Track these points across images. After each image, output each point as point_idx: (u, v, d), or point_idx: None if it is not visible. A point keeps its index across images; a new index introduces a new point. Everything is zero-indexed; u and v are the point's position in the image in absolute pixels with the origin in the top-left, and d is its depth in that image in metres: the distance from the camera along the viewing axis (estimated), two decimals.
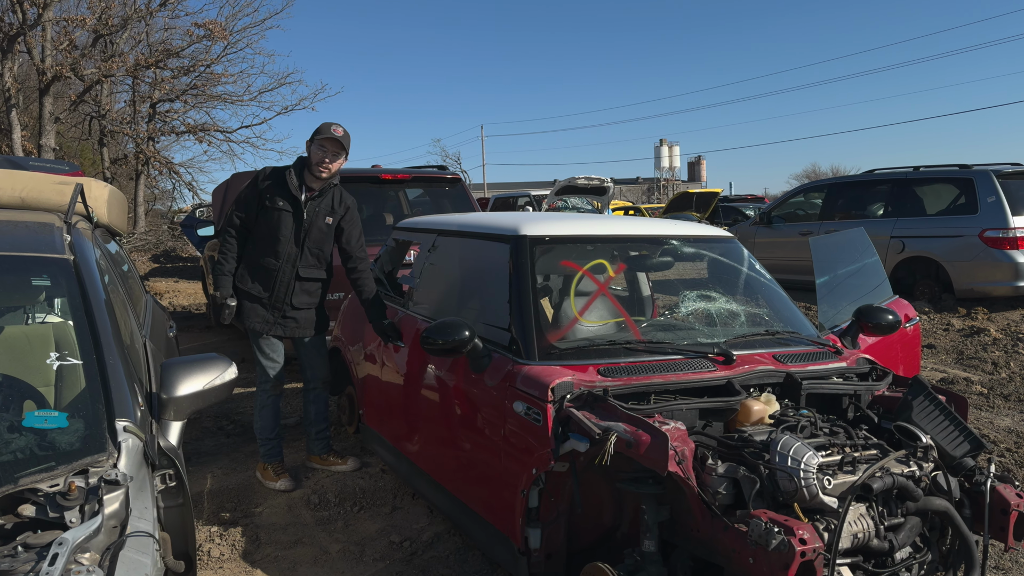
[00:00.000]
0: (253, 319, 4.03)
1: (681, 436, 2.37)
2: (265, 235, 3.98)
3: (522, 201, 17.23)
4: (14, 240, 2.65)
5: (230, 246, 4.02)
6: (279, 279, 4.00)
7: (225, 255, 4.02)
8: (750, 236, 11.81)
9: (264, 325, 4.03)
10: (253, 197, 3.98)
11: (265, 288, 4.00)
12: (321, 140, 3.91)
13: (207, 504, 3.89)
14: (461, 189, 6.84)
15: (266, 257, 3.98)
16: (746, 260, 3.68)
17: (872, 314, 3.51)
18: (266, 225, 3.97)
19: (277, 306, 4.03)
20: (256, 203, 3.97)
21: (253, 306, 4.02)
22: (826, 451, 2.46)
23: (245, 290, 4.02)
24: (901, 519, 2.41)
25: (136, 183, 24.69)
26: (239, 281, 4.03)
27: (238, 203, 4.02)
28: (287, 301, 4.04)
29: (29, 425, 1.94)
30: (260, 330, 4.04)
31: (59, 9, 18.19)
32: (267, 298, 4.01)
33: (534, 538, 2.78)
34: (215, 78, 22.05)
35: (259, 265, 4.00)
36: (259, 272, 4.00)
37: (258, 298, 4.01)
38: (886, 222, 9.67)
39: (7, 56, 17.16)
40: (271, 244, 3.97)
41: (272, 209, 3.95)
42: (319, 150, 3.93)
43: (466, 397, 3.16)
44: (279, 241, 3.97)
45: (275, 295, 4.02)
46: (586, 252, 3.47)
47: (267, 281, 4.00)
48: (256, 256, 4.00)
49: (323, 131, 3.93)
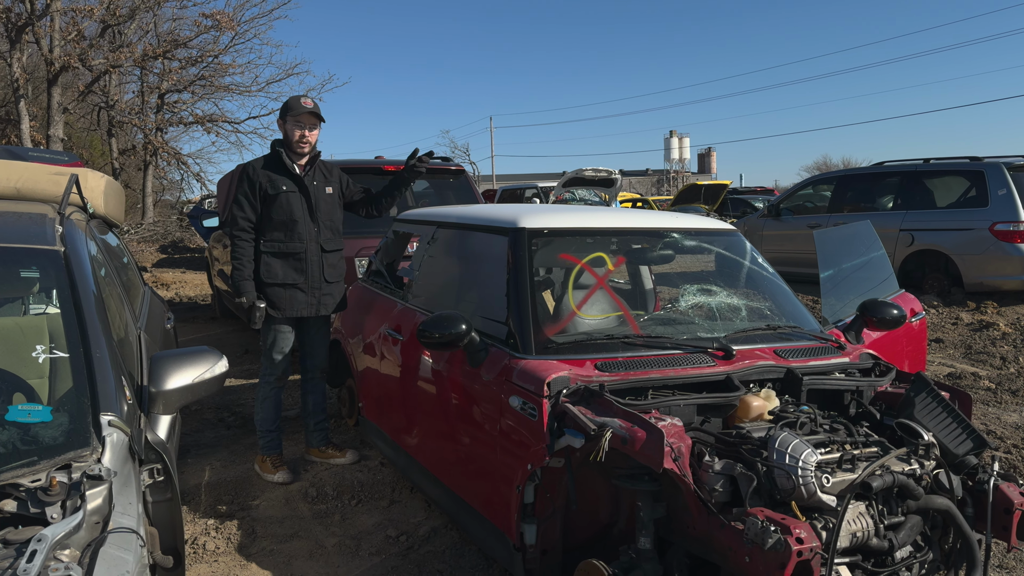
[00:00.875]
0: (296, 306, 3.99)
1: (677, 432, 2.33)
2: (280, 222, 3.94)
3: (529, 193, 17.18)
4: (4, 231, 2.62)
5: (244, 249, 3.93)
6: (309, 259, 3.99)
7: (241, 259, 3.92)
8: (758, 228, 11.74)
9: (309, 308, 4.03)
10: (254, 191, 3.93)
11: (299, 272, 3.98)
12: (296, 117, 3.91)
13: (204, 496, 3.88)
14: (465, 180, 6.79)
15: (289, 243, 3.96)
16: (748, 253, 3.63)
17: (876, 308, 3.46)
18: (278, 212, 3.93)
19: (315, 286, 4.03)
20: (259, 195, 3.93)
21: (291, 294, 3.98)
22: (825, 448, 2.41)
23: (277, 283, 3.95)
24: (901, 518, 2.37)
25: (144, 174, 24.76)
26: (267, 276, 3.94)
27: (239, 204, 3.94)
28: (323, 278, 4.06)
29: (12, 419, 1.92)
30: (307, 314, 4.03)
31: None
32: (303, 282, 3.99)
33: (529, 534, 2.75)
34: (223, 69, 22.09)
35: (285, 252, 3.96)
36: (288, 259, 3.96)
37: (293, 285, 3.97)
38: (895, 215, 9.58)
39: (15, 46, 17.19)
40: (290, 228, 3.95)
41: (277, 195, 3.92)
42: (296, 126, 3.92)
43: (463, 391, 3.13)
44: (297, 223, 3.95)
45: (311, 277, 4.00)
46: (585, 245, 3.42)
47: (299, 265, 3.98)
48: (278, 245, 3.96)
49: (295, 107, 3.93)
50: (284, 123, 3.97)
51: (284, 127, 3.97)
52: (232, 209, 3.98)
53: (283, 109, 3.98)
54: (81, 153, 25.57)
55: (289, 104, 3.96)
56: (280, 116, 4.01)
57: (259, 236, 3.97)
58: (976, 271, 8.80)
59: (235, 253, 3.94)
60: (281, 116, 3.99)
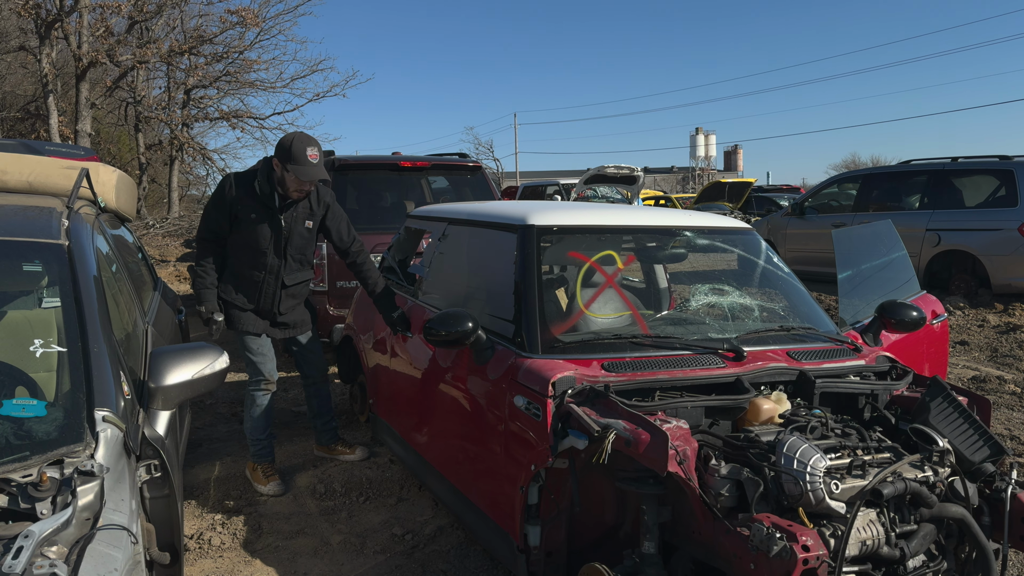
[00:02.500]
0: (247, 324, 3.83)
1: (683, 435, 2.28)
2: (244, 247, 3.75)
3: (551, 190, 17.11)
4: (9, 224, 2.63)
5: (207, 259, 3.75)
6: (264, 290, 3.82)
7: (204, 268, 3.74)
8: (782, 227, 11.60)
9: (260, 327, 3.87)
10: (223, 210, 3.69)
11: (251, 299, 3.82)
12: (299, 174, 3.57)
13: (213, 491, 3.88)
14: (482, 177, 6.76)
15: (250, 269, 3.78)
16: (763, 253, 3.56)
17: (895, 310, 3.37)
18: (243, 237, 3.71)
19: (265, 316, 3.88)
20: (228, 216, 3.69)
21: (244, 314, 3.82)
22: (836, 454, 2.35)
23: (231, 300, 3.81)
24: (914, 526, 2.30)
25: (170, 169, 25.03)
26: (223, 292, 3.80)
27: (207, 216, 3.74)
28: (275, 310, 3.88)
29: (6, 414, 1.91)
30: (257, 332, 3.87)
31: None
32: (254, 308, 3.84)
33: (533, 535, 2.71)
34: (248, 65, 22.25)
35: (242, 276, 3.79)
36: (244, 283, 3.80)
37: (245, 308, 3.83)
38: (921, 214, 9.40)
39: (45, 42, 17.44)
40: (252, 256, 3.75)
41: (246, 220, 3.68)
42: (292, 181, 3.61)
43: (469, 389, 3.10)
44: (261, 253, 3.74)
45: (262, 306, 3.85)
46: (595, 243, 3.37)
47: (252, 292, 3.81)
48: (238, 267, 3.79)
49: (299, 160, 3.55)
50: (281, 166, 3.61)
51: (280, 170, 3.62)
52: (202, 216, 3.81)
53: (284, 154, 3.58)
54: (109, 148, 25.91)
55: (293, 153, 3.56)
56: (276, 156, 3.62)
57: (227, 250, 3.80)
58: (1004, 272, 8.62)
59: (199, 260, 3.77)
60: (279, 158, 3.60)
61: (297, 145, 3.57)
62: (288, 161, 3.57)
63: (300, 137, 3.62)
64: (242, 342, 3.89)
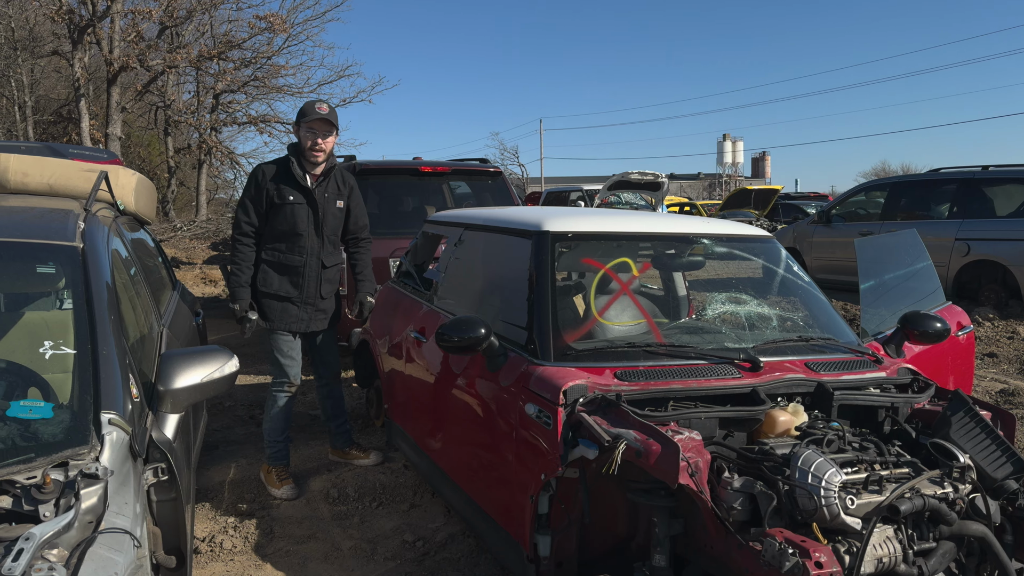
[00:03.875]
0: (287, 321, 3.88)
1: (695, 447, 2.24)
2: (282, 233, 3.83)
3: (574, 196, 17.07)
4: (26, 227, 2.65)
5: (245, 255, 3.83)
6: (307, 274, 3.89)
7: (240, 265, 3.82)
8: (808, 235, 11.47)
9: (299, 324, 3.92)
10: (260, 198, 3.81)
11: (295, 286, 3.88)
12: (308, 123, 3.77)
13: (227, 494, 3.89)
14: (502, 182, 6.75)
15: (289, 254, 3.86)
16: (783, 261, 3.50)
17: (918, 321, 3.30)
18: (282, 222, 3.81)
19: (309, 302, 3.93)
20: (265, 202, 3.81)
21: (284, 306, 3.88)
22: (852, 468, 2.29)
23: (271, 292, 3.86)
24: (933, 544, 2.24)
25: (199, 172, 25.31)
26: (262, 284, 3.85)
27: (243, 207, 3.85)
28: (318, 294, 3.95)
29: (13, 415, 1.92)
30: (297, 330, 3.93)
31: (128, 1, 18.68)
32: (297, 295, 3.89)
33: (544, 545, 2.68)
34: (276, 70, 22.44)
35: (283, 264, 3.86)
36: (285, 271, 3.86)
37: (287, 298, 3.88)
38: (950, 223, 9.24)
39: (77, 47, 17.73)
40: (292, 240, 3.84)
41: (284, 204, 3.80)
42: (309, 133, 3.78)
43: (481, 396, 3.07)
44: (300, 235, 3.84)
45: (306, 292, 3.90)
46: (611, 249, 3.34)
47: (295, 278, 3.87)
48: (278, 255, 3.86)
49: (309, 112, 3.78)
50: (299, 128, 3.83)
51: (298, 132, 3.83)
52: (237, 212, 3.88)
53: (298, 114, 3.84)
54: (138, 151, 26.27)
55: (303, 109, 3.81)
56: (295, 121, 3.87)
57: (260, 243, 3.87)
58: None
59: (234, 258, 3.83)
60: (296, 121, 3.86)
61: (308, 104, 3.84)
62: (302, 118, 3.81)
63: (309, 100, 3.90)
64: (273, 341, 3.93)
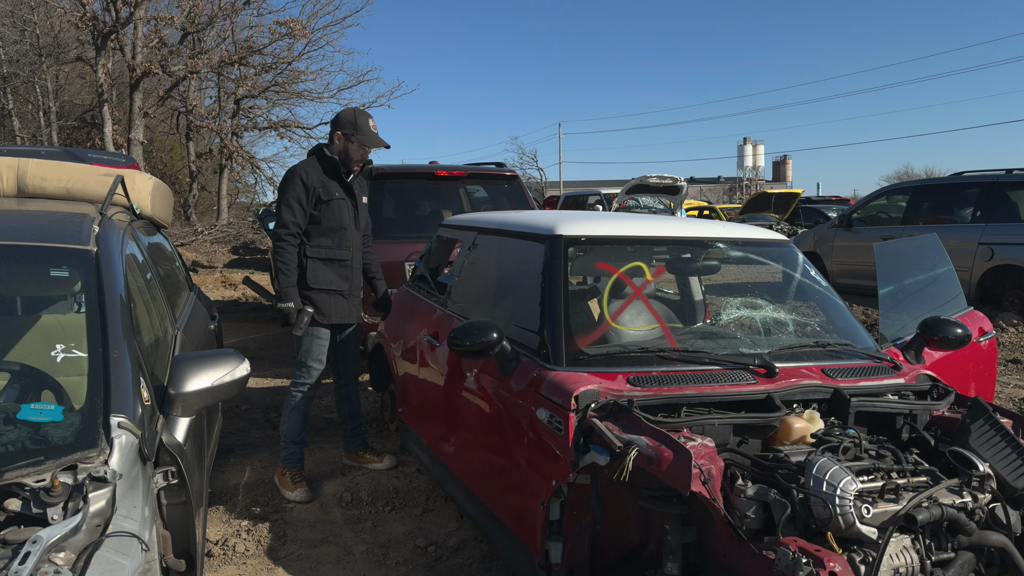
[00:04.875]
0: (338, 312, 4.00)
1: (708, 454, 2.21)
2: (330, 229, 3.94)
3: (592, 200, 17.03)
4: (40, 230, 2.66)
5: (291, 255, 3.87)
6: (354, 267, 4.06)
7: (288, 264, 3.86)
8: (828, 239, 11.36)
9: (350, 316, 4.08)
10: (308, 197, 3.87)
11: (344, 279, 4.01)
12: (364, 142, 3.91)
13: (241, 497, 3.89)
14: (518, 186, 6.73)
15: (338, 249, 3.98)
16: (800, 266, 3.46)
17: (938, 326, 3.25)
18: (329, 219, 3.92)
19: (355, 293, 4.09)
20: (312, 201, 3.88)
21: (335, 300, 3.99)
22: (869, 476, 2.26)
23: (323, 287, 3.94)
24: (952, 554, 2.19)
25: (220, 177, 25.51)
26: (314, 281, 3.91)
27: (290, 208, 3.85)
28: (359, 286, 4.15)
29: (24, 418, 1.92)
30: (350, 321, 4.09)
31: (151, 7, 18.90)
32: (347, 289, 4.03)
33: (555, 552, 2.65)
34: (296, 75, 22.57)
35: (332, 259, 3.97)
36: (335, 265, 3.98)
37: (338, 291, 3.99)
38: (974, 228, 9.11)
39: (101, 53, 17.93)
40: (339, 235, 3.97)
41: (331, 201, 3.91)
42: (361, 149, 3.92)
43: (493, 401, 3.06)
44: (346, 230, 3.99)
45: (353, 283, 4.07)
46: (625, 254, 3.31)
47: (344, 272, 4.02)
48: (325, 251, 3.95)
49: (364, 131, 3.90)
50: (346, 138, 3.91)
51: (344, 142, 3.91)
52: (281, 213, 3.87)
53: (348, 125, 3.91)
54: (161, 156, 26.53)
55: (358, 124, 3.91)
56: (340, 129, 3.92)
57: (302, 244, 3.92)
58: None
59: (282, 257, 3.84)
60: (342, 130, 3.91)
61: (360, 117, 3.96)
62: (355, 132, 3.92)
63: (359, 111, 4.02)
64: (307, 343, 3.97)
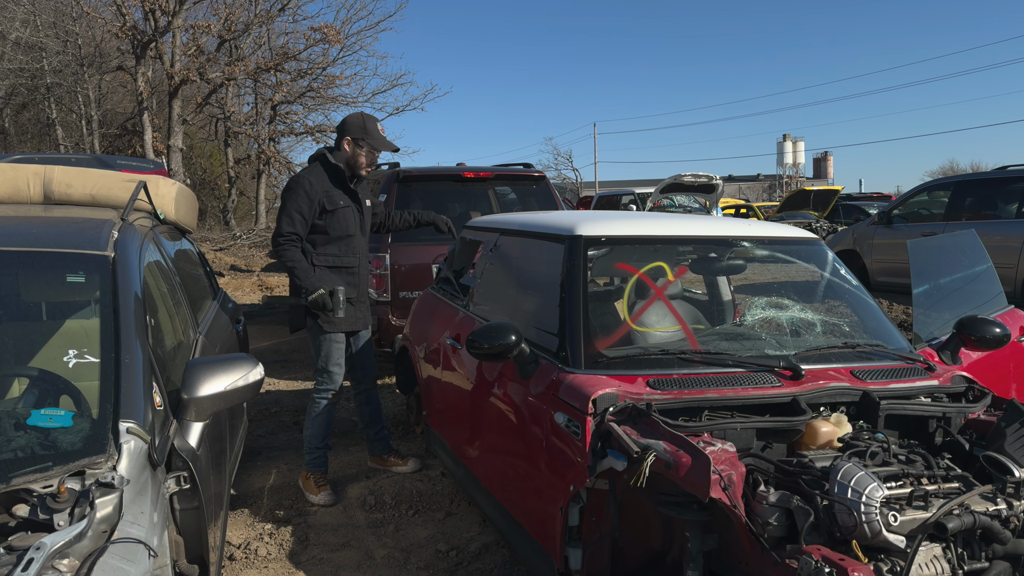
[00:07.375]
0: (349, 320, 3.97)
1: (729, 459, 2.15)
2: (335, 237, 3.91)
3: (626, 199, 16.91)
4: (60, 236, 2.69)
5: (295, 252, 3.83)
6: (361, 274, 4.03)
7: (296, 260, 3.82)
8: (868, 237, 11.12)
9: (360, 322, 4.06)
10: (311, 208, 3.82)
11: (352, 287, 3.99)
12: (373, 147, 3.90)
13: (266, 500, 3.90)
14: (546, 187, 6.68)
15: (345, 256, 3.96)
16: (829, 265, 3.36)
17: (975, 326, 3.13)
18: (335, 227, 3.89)
19: (363, 300, 4.07)
20: (316, 211, 3.83)
21: (345, 307, 3.95)
22: (897, 482, 2.17)
23: None
24: (985, 564, 2.10)
25: (258, 182, 25.86)
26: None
27: (289, 218, 3.81)
28: (368, 292, 4.12)
29: (33, 423, 1.93)
30: (360, 328, 4.06)
31: (189, 16, 19.22)
32: (356, 296, 4.01)
33: (574, 558, 2.60)
34: (331, 80, 22.78)
35: (340, 266, 3.95)
36: (342, 273, 3.96)
37: (347, 298, 3.96)
38: (1018, 223, 8.84)
39: (140, 62, 18.28)
40: (346, 243, 3.94)
41: (336, 210, 3.88)
42: (369, 154, 3.92)
43: (513, 404, 3.01)
44: (353, 237, 3.97)
45: (361, 290, 4.05)
46: (646, 253, 3.24)
47: (352, 279, 3.99)
48: (332, 259, 3.92)
49: (373, 134, 3.89)
50: (353, 143, 3.88)
51: (354, 147, 3.89)
52: (280, 222, 3.85)
53: (357, 130, 3.87)
54: (200, 162, 26.96)
55: (368, 130, 3.88)
56: (349, 134, 3.88)
57: (311, 250, 3.90)
58: None
59: (288, 257, 3.81)
60: (352, 135, 3.88)
61: (369, 122, 3.94)
62: (364, 136, 3.89)
63: (367, 115, 3.98)
64: (325, 347, 3.95)
